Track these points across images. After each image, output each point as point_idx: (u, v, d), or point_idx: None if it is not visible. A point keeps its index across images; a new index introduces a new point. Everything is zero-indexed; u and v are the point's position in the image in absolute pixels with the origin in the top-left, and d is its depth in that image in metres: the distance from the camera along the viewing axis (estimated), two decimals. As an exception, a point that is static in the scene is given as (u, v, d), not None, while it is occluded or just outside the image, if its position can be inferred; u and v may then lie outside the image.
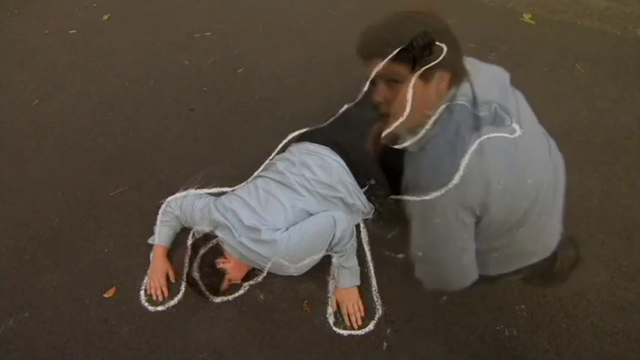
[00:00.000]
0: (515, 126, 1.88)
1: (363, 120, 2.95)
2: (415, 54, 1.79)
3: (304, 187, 2.66)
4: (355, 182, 2.75)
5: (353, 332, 2.59)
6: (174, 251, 2.91)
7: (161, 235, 2.89)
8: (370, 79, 1.85)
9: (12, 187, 3.46)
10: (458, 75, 1.86)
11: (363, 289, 2.72)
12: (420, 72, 1.80)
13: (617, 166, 3.24)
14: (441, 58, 1.84)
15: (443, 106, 1.89)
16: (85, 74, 4.52)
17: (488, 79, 1.99)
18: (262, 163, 2.86)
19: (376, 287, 2.75)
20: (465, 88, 1.91)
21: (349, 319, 2.61)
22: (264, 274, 2.68)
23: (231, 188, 2.87)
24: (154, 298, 2.76)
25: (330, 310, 2.68)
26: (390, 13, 1.93)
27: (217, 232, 2.66)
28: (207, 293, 2.65)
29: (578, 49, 4.25)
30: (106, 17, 5.32)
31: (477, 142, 1.78)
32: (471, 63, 1.97)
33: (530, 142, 1.90)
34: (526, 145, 1.86)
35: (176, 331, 2.64)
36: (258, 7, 5.22)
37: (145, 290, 2.81)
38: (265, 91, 4.12)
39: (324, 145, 2.80)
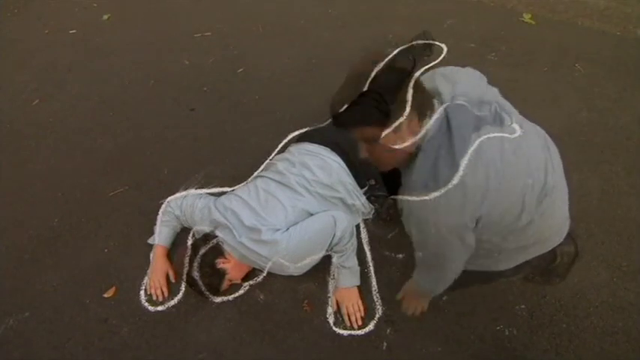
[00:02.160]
0: (516, 126, 1.89)
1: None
2: (415, 53, 1.80)
3: (304, 188, 2.66)
4: (355, 183, 2.76)
5: (353, 332, 2.59)
6: (174, 251, 2.92)
7: (161, 235, 2.90)
8: (370, 79, 1.85)
9: (12, 187, 3.47)
10: (422, 113, 1.85)
11: (363, 289, 2.73)
12: (419, 73, 1.80)
13: (617, 166, 3.24)
14: (441, 58, 1.85)
15: (443, 106, 1.89)
16: (85, 74, 4.52)
17: (468, 80, 2.00)
18: (262, 163, 2.86)
19: (376, 287, 2.75)
20: (460, 88, 1.93)
21: (349, 319, 2.61)
22: (264, 274, 2.69)
23: (231, 188, 2.87)
24: (154, 298, 2.77)
25: (330, 310, 2.68)
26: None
27: (217, 232, 2.66)
28: (207, 293, 2.66)
29: (578, 49, 4.25)
30: (106, 17, 5.31)
31: (477, 142, 1.78)
32: (449, 70, 2.00)
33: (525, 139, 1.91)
34: (522, 143, 1.88)
35: (176, 331, 2.64)
36: (258, 7, 5.21)
37: (145, 290, 2.81)
38: (265, 91, 4.12)
39: (323, 145, 2.80)
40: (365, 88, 1.87)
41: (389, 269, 2.82)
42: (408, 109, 1.87)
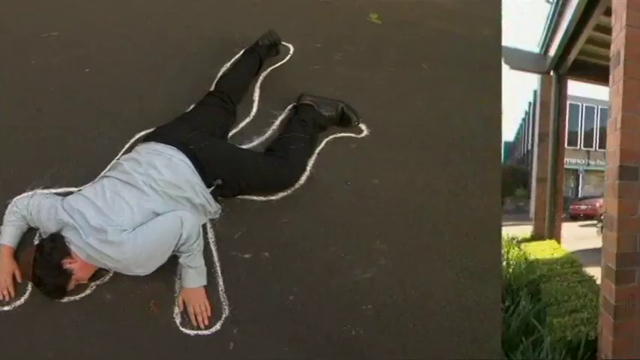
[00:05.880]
0: (362, 126, 1.94)
1: (210, 120, 2.99)
2: (261, 53, 1.81)
3: (150, 187, 2.66)
4: (202, 182, 2.78)
5: (200, 332, 2.61)
6: (20, 251, 2.84)
7: (6, 235, 2.83)
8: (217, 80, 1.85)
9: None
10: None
11: (210, 289, 2.73)
12: (265, 73, 1.82)
13: (463, 165, 3.28)
14: (287, 58, 1.88)
15: (290, 105, 1.93)
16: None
17: None
18: (110, 162, 2.84)
19: (223, 287, 2.76)
20: None
21: (196, 319, 2.63)
22: (111, 274, 2.71)
23: (78, 188, 2.84)
24: (0, 297, 2.72)
25: (176, 309, 2.69)
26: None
27: (64, 233, 2.62)
28: (54, 293, 2.64)
29: (424, 49, 4.16)
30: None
31: (323, 142, 1.83)
32: None
33: None
34: None
35: (22, 331, 2.62)
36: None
37: (-10, 290, 2.76)
38: (109, 90, 3.96)
39: (170, 144, 2.82)
40: (212, 89, 1.87)
41: (236, 269, 2.83)
42: (255, 108, 1.90)
